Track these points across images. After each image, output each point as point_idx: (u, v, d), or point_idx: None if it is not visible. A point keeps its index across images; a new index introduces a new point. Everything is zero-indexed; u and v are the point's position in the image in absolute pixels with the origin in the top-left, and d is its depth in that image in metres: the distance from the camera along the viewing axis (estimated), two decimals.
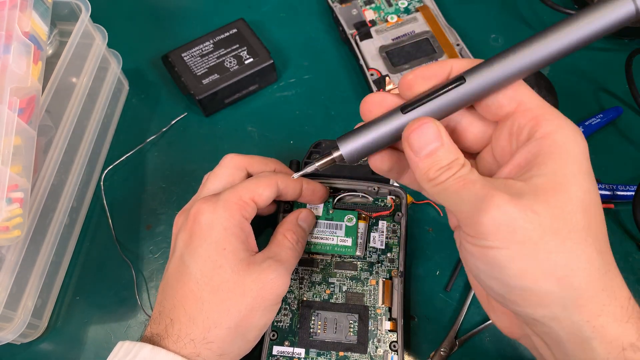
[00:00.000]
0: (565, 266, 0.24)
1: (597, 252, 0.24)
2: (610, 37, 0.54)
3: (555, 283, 0.24)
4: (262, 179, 0.36)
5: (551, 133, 0.26)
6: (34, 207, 0.38)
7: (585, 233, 0.24)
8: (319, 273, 0.41)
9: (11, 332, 0.37)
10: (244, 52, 0.51)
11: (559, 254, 0.24)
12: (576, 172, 0.26)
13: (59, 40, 0.48)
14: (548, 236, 0.24)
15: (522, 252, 0.24)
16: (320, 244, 0.41)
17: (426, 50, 0.51)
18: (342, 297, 0.40)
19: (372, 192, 0.42)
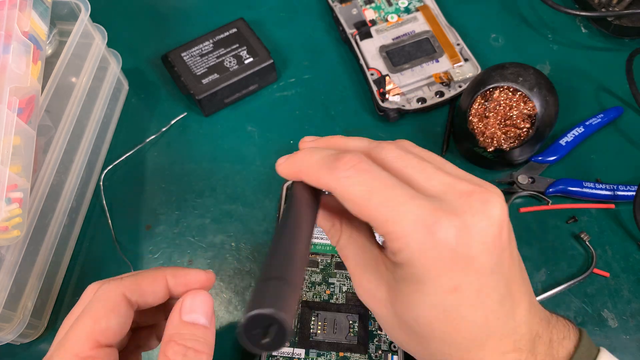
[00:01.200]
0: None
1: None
2: (611, 36, 0.54)
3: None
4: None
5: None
6: (34, 207, 0.38)
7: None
8: (319, 273, 0.40)
9: (11, 333, 0.37)
10: (244, 51, 0.51)
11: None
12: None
13: (59, 40, 0.48)
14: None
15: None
16: (320, 244, 0.41)
17: (426, 49, 0.51)
18: (342, 297, 0.39)
19: None
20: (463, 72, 0.50)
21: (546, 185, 0.45)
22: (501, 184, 0.47)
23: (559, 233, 0.44)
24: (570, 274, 0.43)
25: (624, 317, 0.41)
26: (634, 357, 0.40)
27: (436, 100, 0.49)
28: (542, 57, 0.53)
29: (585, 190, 0.45)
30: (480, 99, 0.44)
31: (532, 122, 0.43)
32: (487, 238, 0.23)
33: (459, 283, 0.23)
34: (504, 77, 0.43)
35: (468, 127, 0.45)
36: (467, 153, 0.47)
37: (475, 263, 0.23)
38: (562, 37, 0.54)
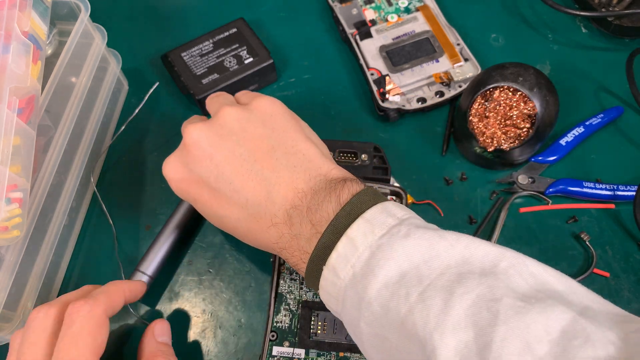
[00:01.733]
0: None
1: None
2: (611, 36, 0.54)
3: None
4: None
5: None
6: (33, 207, 0.38)
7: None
8: None
9: (11, 333, 0.37)
10: (244, 51, 0.51)
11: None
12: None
13: (59, 40, 0.48)
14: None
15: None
16: None
17: (426, 49, 0.51)
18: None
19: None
20: (463, 72, 0.50)
21: (546, 185, 0.45)
22: (501, 184, 0.47)
23: (559, 233, 0.44)
24: (571, 274, 0.43)
25: None
26: None
27: (436, 100, 0.49)
28: (542, 57, 0.53)
29: (586, 190, 0.45)
30: (480, 99, 0.44)
31: (532, 122, 0.43)
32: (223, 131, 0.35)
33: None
34: (504, 77, 0.43)
35: (468, 127, 0.45)
36: (467, 153, 0.47)
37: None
38: (562, 37, 0.54)
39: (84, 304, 0.32)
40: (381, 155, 0.45)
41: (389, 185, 0.42)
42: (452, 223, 0.45)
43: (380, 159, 0.45)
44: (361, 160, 0.45)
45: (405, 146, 0.49)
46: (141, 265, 0.42)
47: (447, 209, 0.46)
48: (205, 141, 0.34)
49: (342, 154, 0.45)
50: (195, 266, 0.44)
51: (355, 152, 0.45)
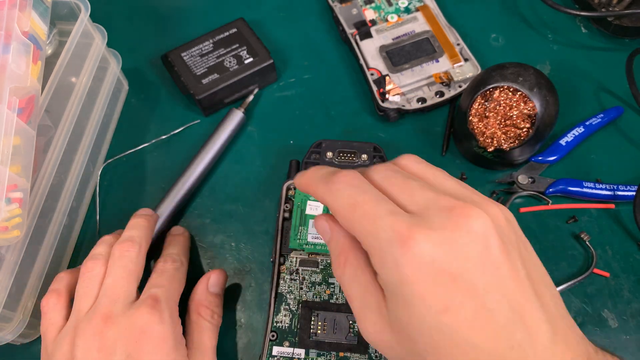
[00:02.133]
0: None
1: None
2: (611, 36, 0.54)
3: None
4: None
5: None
6: (34, 207, 0.38)
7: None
8: (319, 273, 0.40)
9: (11, 333, 0.37)
10: (244, 51, 0.51)
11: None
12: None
13: (59, 40, 0.48)
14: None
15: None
16: (320, 244, 0.41)
17: (426, 49, 0.51)
18: (343, 297, 0.39)
19: None
20: (463, 72, 0.50)
21: (546, 185, 0.45)
22: (501, 184, 0.47)
23: (559, 233, 0.44)
24: (570, 274, 0.43)
25: (624, 317, 0.41)
26: (634, 357, 0.40)
27: (436, 100, 0.49)
28: (542, 57, 0.53)
29: (585, 190, 0.45)
30: (480, 99, 0.44)
31: (532, 122, 0.43)
32: (471, 254, 0.23)
33: (449, 303, 0.22)
34: (504, 77, 0.43)
35: (468, 127, 0.45)
36: (467, 153, 0.47)
37: (461, 281, 0.22)
38: (562, 37, 0.54)
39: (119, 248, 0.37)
40: (381, 155, 0.45)
41: None
42: None
43: (380, 159, 0.45)
44: (361, 160, 0.44)
45: (405, 146, 0.49)
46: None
47: None
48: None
49: (341, 154, 0.45)
50: (194, 266, 0.44)
51: (355, 152, 0.45)
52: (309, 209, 0.42)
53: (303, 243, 0.41)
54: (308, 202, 0.42)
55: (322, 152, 0.45)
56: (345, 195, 0.26)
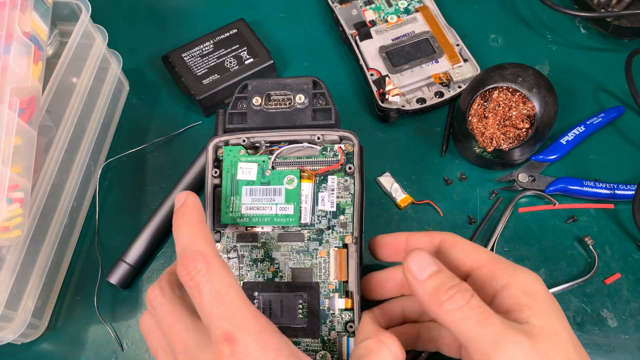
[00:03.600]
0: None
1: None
2: (610, 37, 0.54)
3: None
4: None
5: (512, 279, 0.29)
6: (35, 207, 0.38)
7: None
8: (260, 248, 0.35)
9: (11, 332, 0.37)
10: (244, 52, 0.51)
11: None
12: (557, 314, 0.28)
13: (60, 41, 0.48)
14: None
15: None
16: (256, 215, 0.34)
17: (426, 50, 0.51)
18: (289, 274, 0.34)
19: (317, 141, 0.35)
20: (462, 72, 0.50)
21: (546, 183, 0.46)
22: (501, 182, 0.47)
23: (559, 233, 0.45)
24: (570, 273, 0.43)
25: (623, 317, 0.41)
26: (634, 356, 0.40)
27: (436, 100, 0.49)
28: (542, 57, 0.53)
29: (585, 189, 0.45)
30: (479, 100, 0.44)
31: (531, 123, 0.43)
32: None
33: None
34: (503, 77, 0.43)
35: (467, 128, 0.45)
36: (466, 153, 0.47)
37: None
38: (562, 38, 0.55)
39: (150, 287, 0.30)
40: (322, 92, 0.36)
41: (337, 131, 0.35)
42: (451, 223, 0.45)
43: (322, 98, 0.36)
44: (296, 102, 0.36)
45: (404, 146, 0.49)
46: (124, 255, 0.44)
47: (446, 209, 0.46)
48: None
49: (272, 98, 0.36)
50: None
51: (289, 94, 0.36)
52: (241, 174, 0.35)
53: (237, 217, 0.34)
54: (239, 164, 0.35)
55: (249, 98, 0.36)
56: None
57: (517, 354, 0.25)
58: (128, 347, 0.42)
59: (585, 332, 0.41)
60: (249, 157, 0.35)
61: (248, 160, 0.35)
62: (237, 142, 0.35)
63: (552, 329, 0.27)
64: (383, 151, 0.49)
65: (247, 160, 0.35)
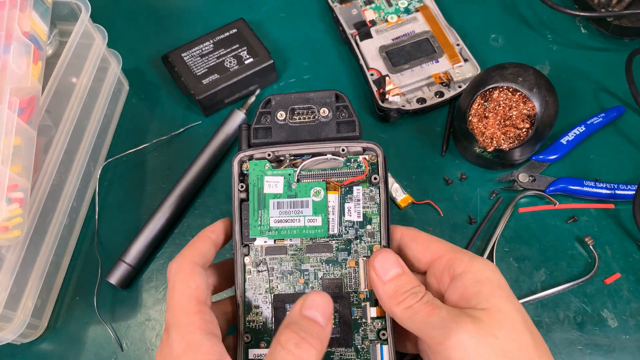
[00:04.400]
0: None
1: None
2: (610, 37, 0.54)
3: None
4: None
5: (467, 267, 0.30)
6: (34, 207, 0.38)
7: (535, 352, 0.28)
8: (289, 260, 0.35)
9: (11, 332, 0.37)
10: (244, 52, 0.51)
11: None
12: (505, 296, 0.30)
13: (59, 40, 0.48)
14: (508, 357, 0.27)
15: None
16: (285, 228, 0.34)
17: (426, 50, 0.51)
18: (319, 285, 0.34)
19: (341, 153, 0.35)
20: (463, 72, 0.50)
21: (547, 183, 0.46)
22: (502, 182, 0.47)
23: (559, 233, 0.44)
24: (570, 273, 0.43)
25: (624, 317, 0.41)
26: (634, 357, 0.40)
27: (436, 100, 0.49)
28: (542, 57, 0.53)
29: (586, 189, 0.45)
30: (479, 99, 0.44)
31: (531, 122, 0.43)
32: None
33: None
34: (503, 77, 0.43)
35: (468, 127, 0.45)
36: (466, 153, 0.47)
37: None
38: (562, 38, 0.55)
39: (171, 262, 0.33)
40: (345, 104, 0.36)
41: (360, 142, 0.35)
42: (451, 223, 0.45)
43: (345, 111, 0.36)
44: (322, 115, 0.36)
45: (405, 146, 0.49)
46: (124, 255, 0.44)
47: (446, 209, 0.46)
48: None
49: (296, 112, 0.36)
50: None
51: (312, 108, 0.36)
52: (268, 187, 0.35)
53: (265, 230, 0.35)
54: (265, 178, 0.35)
55: (272, 112, 0.36)
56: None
57: (464, 335, 0.27)
58: (128, 348, 0.42)
59: (586, 332, 0.41)
60: (275, 170, 0.35)
61: (274, 173, 0.35)
62: (262, 156, 0.35)
63: (497, 309, 0.28)
64: (383, 151, 0.48)
65: (273, 173, 0.35)
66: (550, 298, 0.42)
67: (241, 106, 0.50)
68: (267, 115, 0.36)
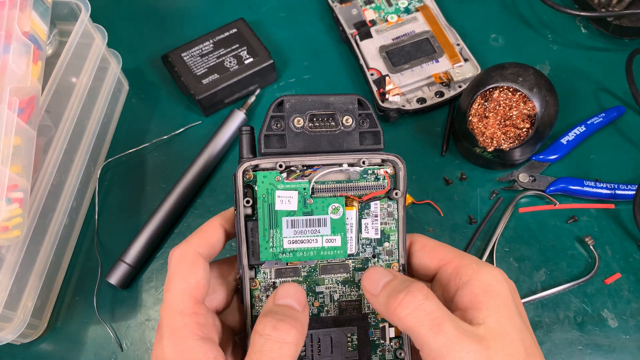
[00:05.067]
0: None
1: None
2: (610, 37, 0.54)
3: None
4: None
5: (474, 275, 0.29)
6: (34, 207, 0.38)
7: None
8: (302, 282, 0.32)
9: (11, 332, 0.37)
10: (244, 52, 0.51)
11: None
12: (509, 313, 0.28)
13: (59, 40, 0.48)
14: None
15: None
16: (300, 249, 0.31)
17: (426, 50, 0.51)
18: (335, 308, 0.32)
19: (362, 165, 0.32)
20: (463, 72, 0.50)
21: (547, 183, 0.46)
22: (502, 182, 0.47)
23: (559, 233, 0.44)
24: (571, 273, 0.43)
25: (624, 317, 0.41)
26: (634, 357, 0.40)
27: (436, 100, 0.49)
28: (542, 57, 0.53)
29: (586, 189, 0.45)
30: (480, 99, 0.44)
31: (531, 122, 0.43)
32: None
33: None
34: (503, 77, 0.43)
35: (468, 127, 0.45)
36: (466, 153, 0.47)
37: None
38: (562, 38, 0.55)
39: (175, 247, 0.30)
40: (369, 112, 0.32)
41: (381, 154, 0.32)
42: (451, 223, 0.45)
43: (368, 119, 0.32)
44: (343, 125, 0.32)
45: (405, 146, 0.49)
46: (123, 255, 0.43)
47: (446, 209, 0.46)
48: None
49: (316, 120, 0.32)
50: None
51: (333, 114, 0.32)
52: (280, 204, 0.31)
53: (278, 252, 0.31)
54: (277, 193, 0.31)
55: (287, 118, 0.31)
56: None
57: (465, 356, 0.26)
58: (128, 348, 0.42)
59: (586, 332, 0.41)
60: (288, 183, 0.31)
61: (287, 187, 0.31)
62: (271, 167, 0.31)
63: (503, 331, 0.27)
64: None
65: (285, 187, 0.31)
66: (550, 298, 0.42)
67: (241, 106, 0.50)
68: (279, 120, 0.31)
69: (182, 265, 0.30)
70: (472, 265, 0.30)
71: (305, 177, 0.31)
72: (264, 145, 0.31)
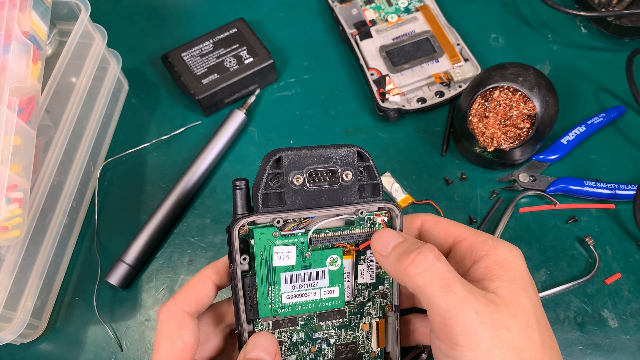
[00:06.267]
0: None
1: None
2: (611, 36, 0.54)
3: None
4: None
5: (490, 251, 0.29)
6: (34, 207, 0.38)
7: (541, 351, 0.27)
8: (299, 331, 0.32)
9: (11, 332, 0.37)
10: (244, 51, 0.51)
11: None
12: (524, 286, 0.28)
13: (59, 40, 0.48)
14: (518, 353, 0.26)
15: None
16: (299, 303, 0.31)
17: (426, 49, 0.51)
18: (331, 351, 0.32)
19: (359, 216, 0.32)
20: (463, 72, 0.50)
21: (547, 183, 0.45)
22: (502, 182, 0.47)
23: (559, 233, 0.44)
24: (571, 273, 0.43)
25: (624, 317, 0.41)
26: (634, 357, 0.40)
27: (436, 100, 0.49)
28: (542, 57, 0.53)
29: (586, 189, 0.45)
30: (480, 99, 0.44)
31: (532, 122, 0.43)
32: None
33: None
34: (504, 77, 0.43)
35: (468, 127, 0.45)
36: (467, 153, 0.47)
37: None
38: (562, 37, 0.55)
39: (161, 306, 0.30)
40: (368, 164, 0.31)
41: (378, 202, 0.32)
42: None
43: (367, 171, 0.31)
44: (343, 180, 0.31)
45: (405, 146, 0.49)
46: (123, 255, 0.43)
47: (447, 209, 0.46)
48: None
49: (315, 175, 0.31)
50: (195, 266, 0.44)
51: (334, 170, 0.31)
52: (278, 260, 0.30)
53: (277, 307, 0.31)
54: (275, 249, 0.30)
55: (285, 174, 0.30)
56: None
57: (475, 319, 0.26)
58: (127, 348, 0.42)
59: (586, 332, 0.41)
60: (285, 239, 0.30)
61: (284, 243, 0.30)
62: (268, 223, 0.30)
63: (516, 300, 0.27)
64: (383, 151, 0.49)
65: (283, 243, 0.30)
66: (550, 298, 0.42)
67: (241, 106, 0.50)
68: (277, 177, 0.30)
69: (169, 326, 0.29)
70: (488, 242, 0.30)
71: (302, 227, 0.31)
72: (261, 205, 0.30)
